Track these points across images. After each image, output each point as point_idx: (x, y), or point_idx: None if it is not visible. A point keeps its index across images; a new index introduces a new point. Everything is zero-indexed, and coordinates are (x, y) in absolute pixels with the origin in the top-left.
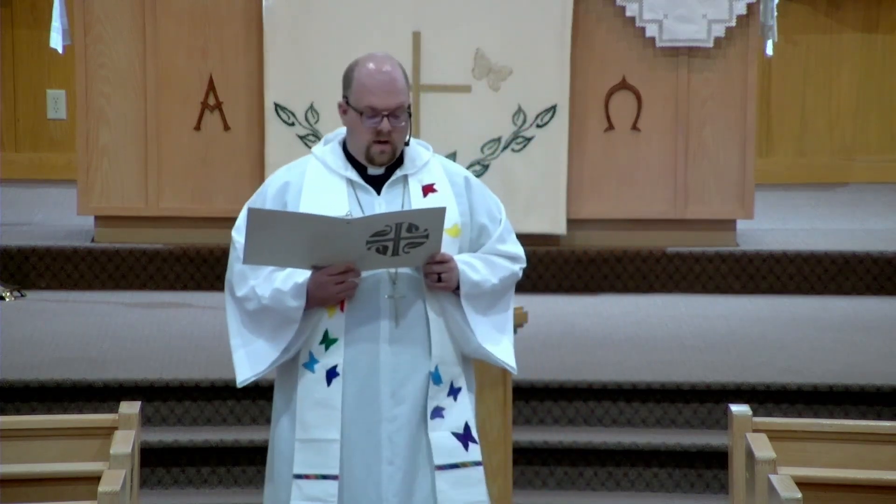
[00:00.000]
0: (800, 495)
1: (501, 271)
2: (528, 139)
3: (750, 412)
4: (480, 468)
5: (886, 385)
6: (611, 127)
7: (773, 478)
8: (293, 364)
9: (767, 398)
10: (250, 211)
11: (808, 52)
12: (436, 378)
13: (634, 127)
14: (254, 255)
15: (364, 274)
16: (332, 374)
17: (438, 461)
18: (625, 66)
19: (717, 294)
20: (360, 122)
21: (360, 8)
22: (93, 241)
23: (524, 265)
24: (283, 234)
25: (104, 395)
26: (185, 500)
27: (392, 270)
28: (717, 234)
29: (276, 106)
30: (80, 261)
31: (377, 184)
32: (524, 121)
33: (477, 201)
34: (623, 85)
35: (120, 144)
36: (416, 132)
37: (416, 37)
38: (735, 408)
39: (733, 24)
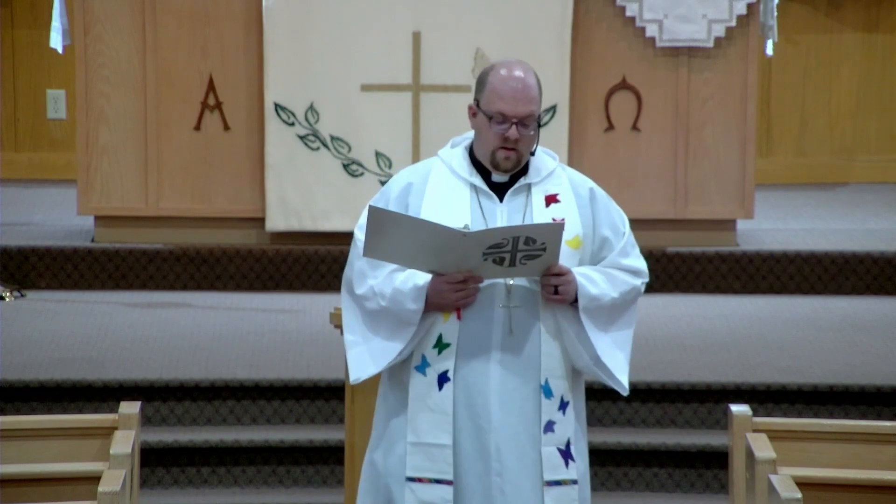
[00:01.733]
0: (800, 495)
1: (622, 285)
2: None
3: (750, 412)
4: (576, 487)
5: (886, 385)
6: (611, 127)
7: (773, 478)
8: (404, 366)
9: (767, 398)
10: (371, 209)
11: (808, 52)
12: (546, 391)
13: (634, 127)
14: (373, 251)
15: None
16: (443, 378)
17: (547, 476)
18: (625, 66)
19: (717, 294)
20: (488, 127)
21: (360, 8)
22: (93, 241)
23: (647, 280)
24: (401, 236)
25: (104, 395)
26: (185, 500)
27: (508, 281)
28: (717, 234)
29: (276, 106)
30: (80, 261)
31: (501, 191)
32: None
33: (600, 213)
34: (623, 85)
35: (120, 144)
36: (416, 132)
37: (416, 37)
38: (735, 408)
39: (733, 24)
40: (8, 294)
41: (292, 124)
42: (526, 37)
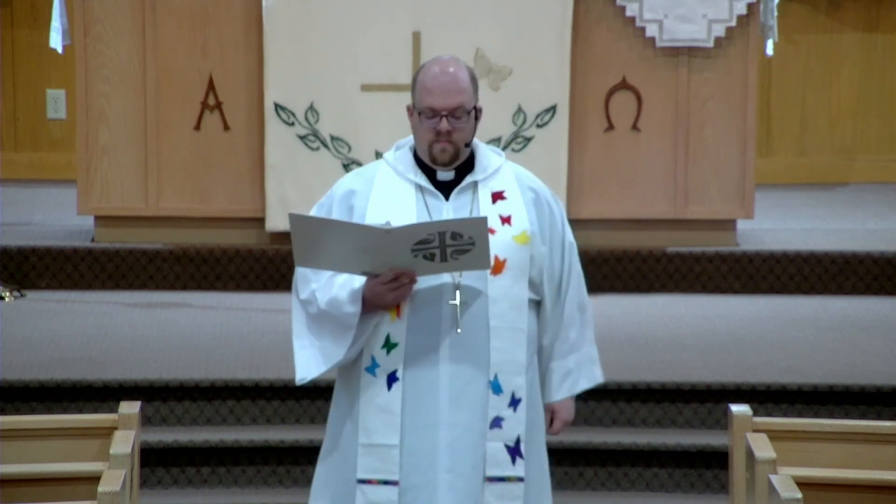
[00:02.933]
0: (800, 495)
1: (588, 328)
2: (528, 139)
3: (750, 412)
4: (521, 485)
5: (886, 385)
6: (611, 127)
7: (773, 478)
8: (355, 367)
9: (767, 398)
10: (290, 216)
11: (808, 52)
12: (495, 387)
13: (634, 127)
14: (303, 259)
15: (429, 280)
16: (392, 378)
17: (489, 473)
18: (625, 66)
19: (717, 294)
20: (420, 123)
21: (360, 8)
22: (93, 241)
23: (584, 283)
24: (326, 241)
25: (104, 395)
26: (185, 500)
27: (457, 279)
28: (717, 234)
29: (276, 106)
30: (80, 261)
31: (447, 190)
32: (524, 121)
33: (544, 214)
34: (623, 85)
35: (120, 144)
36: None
37: (416, 37)
38: (735, 408)
39: (733, 23)
40: (8, 294)
41: (292, 124)
42: (526, 37)
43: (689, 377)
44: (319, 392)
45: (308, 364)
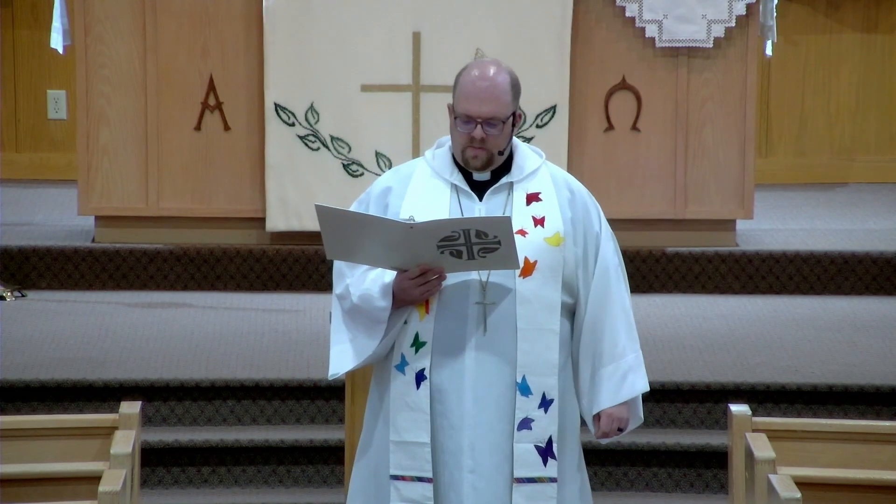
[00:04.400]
0: (799, 495)
1: (634, 331)
2: (528, 139)
3: (750, 412)
4: (554, 485)
5: (886, 385)
6: (611, 127)
7: (772, 478)
8: (386, 364)
9: (767, 398)
10: (316, 207)
11: (807, 52)
12: (523, 389)
13: (634, 127)
14: (333, 252)
15: (456, 279)
16: (420, 377)
17: (518, 474)
18: (625, 66)
19: (717, 294)
20: (455, 126)
21: (360, 8)
22: (93, 241)
23: (622, 262)
24: (352, 234)
25: (104, 395)
26: (185, 500)
27: (484, 279)
28: (717, 234)
29: (276, 106)
30: (80, 261)
31: (484, 190)
32: (524, 121)
33: (579, 216)
34: (623, 85)
35: (120, 144)
36: (416, 132)
37: (416, 37)
38: (735, 408)
39: (733, 24)
40: (8, 294)
41: (292, 124)
42: (526, 37)
43: (689, 377)
44: (319, 392)
45: (341, 359)
